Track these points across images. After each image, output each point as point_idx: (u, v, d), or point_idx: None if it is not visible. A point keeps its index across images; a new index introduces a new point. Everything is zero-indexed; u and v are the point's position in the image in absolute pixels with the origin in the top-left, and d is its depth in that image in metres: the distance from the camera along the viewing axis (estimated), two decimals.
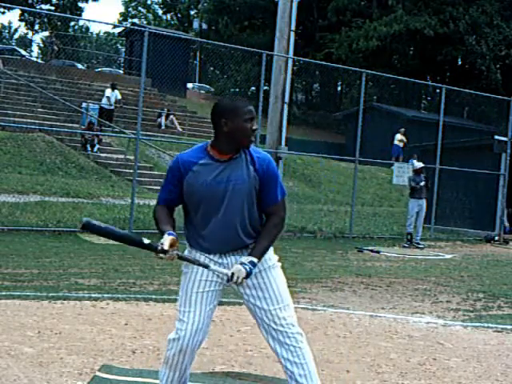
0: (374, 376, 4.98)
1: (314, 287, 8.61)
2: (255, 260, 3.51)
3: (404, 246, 14.68)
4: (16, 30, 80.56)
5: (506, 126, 18.94)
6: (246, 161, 3.56)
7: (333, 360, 5.31)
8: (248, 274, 3.47)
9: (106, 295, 7.14)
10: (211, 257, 3.61)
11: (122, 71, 39.55)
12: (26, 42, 66.99)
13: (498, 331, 6.76)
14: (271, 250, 3.69)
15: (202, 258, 3.60)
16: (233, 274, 3.48)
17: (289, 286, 3.73)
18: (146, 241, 3.48)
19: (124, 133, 17.87)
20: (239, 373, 4.81)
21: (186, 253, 3.66)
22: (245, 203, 3.55)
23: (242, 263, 3.49)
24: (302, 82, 47.00)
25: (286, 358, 3.54)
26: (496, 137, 18.65)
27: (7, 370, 4.52)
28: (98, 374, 4.55)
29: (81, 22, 72.48)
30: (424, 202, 14.93)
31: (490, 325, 7.02)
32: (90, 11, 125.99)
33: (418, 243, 14.85)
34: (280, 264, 3.72)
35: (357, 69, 20.03)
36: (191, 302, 3.58)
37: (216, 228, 3.56)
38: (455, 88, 23.41)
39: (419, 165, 15.28)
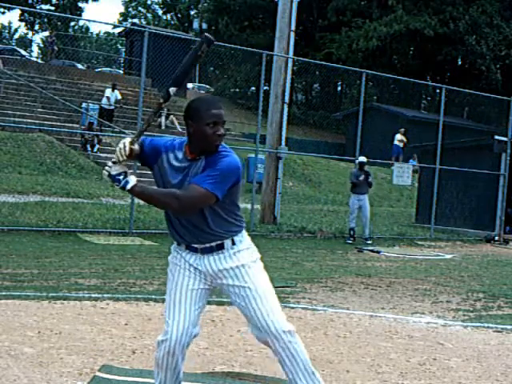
0: (373, 376, 4.98)
1: (314, 287, 8.60)
2: (133, 182, 3.43)
3: (347, 242, 14.31)
4: (16, 30, 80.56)
5: (506, 126, 18.93)
6: (203, 164, 3.47)
7: (333, 360, 5.31)
8: (110, 175, 3.44)
9: (105, 295, 7.13)
10: (187, 258, 3.63)
11: (122, 71, 39.51)
12: (26, 42, 66.93)
13: (498, 331, 6.76)
14: (253, 247, 3.66)
15: (182, 261, 3.65)
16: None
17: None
18: None
19: (124, 133, 17.84)
20: (239, 373, 4.81)
21: (173, 246, 3.71)
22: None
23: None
24: (302, 82, 46.95)
25: (278, 358, 3.57)
26: (496, 137, 18.61)
27: (7, 370, 4.52)
28: (97, 374, 4.55)
29: (81, 22, 72.56)
30: (365, 198, 14.52)
31: (490, 325, 7.01)
32: (90, 11, 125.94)
33: (366, 239, 14.58)
34: (262, 264, 3.67)
35: (357, 69, 20.01)
36: (175, 302, 3.60)
37: (178, 221, 3.58)
38: (455, 88, 23.40)
39: (362, 159, 14.80)
